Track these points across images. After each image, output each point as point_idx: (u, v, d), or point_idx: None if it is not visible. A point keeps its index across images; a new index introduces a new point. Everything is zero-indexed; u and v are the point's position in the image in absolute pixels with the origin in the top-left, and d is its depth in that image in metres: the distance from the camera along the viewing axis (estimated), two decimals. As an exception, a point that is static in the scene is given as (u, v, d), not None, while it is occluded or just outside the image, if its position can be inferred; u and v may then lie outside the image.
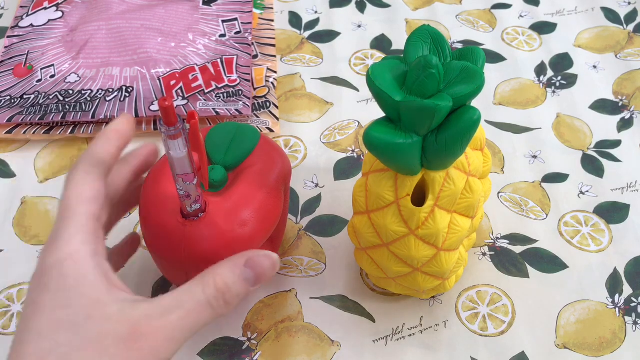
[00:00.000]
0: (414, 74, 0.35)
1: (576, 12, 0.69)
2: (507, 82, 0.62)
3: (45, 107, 0.57)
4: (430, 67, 0.34)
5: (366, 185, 0.40)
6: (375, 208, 0.39)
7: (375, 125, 0.35)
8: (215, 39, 0.63)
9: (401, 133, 0.35)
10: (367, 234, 0.40)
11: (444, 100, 0.33)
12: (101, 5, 0.66)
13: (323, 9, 0.69)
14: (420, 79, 0.34)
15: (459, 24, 0.67)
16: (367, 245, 0.41)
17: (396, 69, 0.36)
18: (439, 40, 0.38)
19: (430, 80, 0.34)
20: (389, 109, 0.35)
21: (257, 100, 0.59)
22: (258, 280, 0.34)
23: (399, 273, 0.41)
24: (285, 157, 0.45)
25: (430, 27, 0.38)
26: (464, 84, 0.34)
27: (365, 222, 0.40)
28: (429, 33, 0.38)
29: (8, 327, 0.45)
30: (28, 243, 0.50)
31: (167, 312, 0.31)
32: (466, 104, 0.35)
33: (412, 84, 0.35)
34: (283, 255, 0.49)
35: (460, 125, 0.34)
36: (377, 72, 0.35)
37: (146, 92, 0.58)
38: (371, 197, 0.39)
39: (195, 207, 0.38)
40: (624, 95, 0.60)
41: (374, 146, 0.35)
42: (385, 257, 0.40)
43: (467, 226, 0.39)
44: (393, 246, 0.39)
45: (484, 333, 0.45)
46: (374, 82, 0.35)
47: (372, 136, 0.35)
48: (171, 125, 0.32)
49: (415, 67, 0.34)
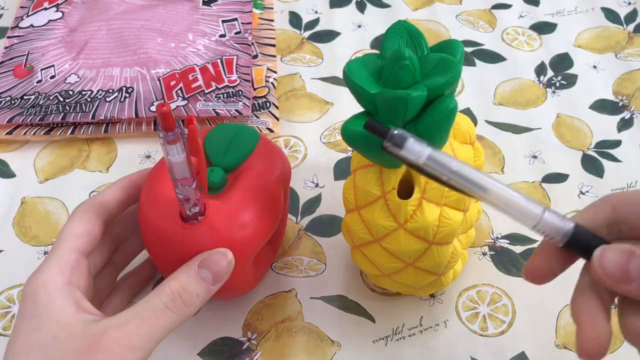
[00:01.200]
0: (388, 67, 0.35)
1: (576, 12, 0.69)
2: (507, 82, 0.62)
3: (45, 107, 0.57)
4: (403, 58, 0.34)
5: (354, 182, 0.40)
6: (363, 204, 0.39)
7: (352, 119, 0.36)
8: (215, 39, 0.63)
9: None
10: (358, 230, 0.40)
11: (417, 91, 0.34)
12: (101, 5, 0.66)
13: (323, 9, 0.69)
14: (395, 71, 0.34)
15: (459, 24, 0.67)
16: (360, 243, 0.41)
17: (372, 64, 0.37)
18: (415, 35, 0.38)
19: (404, 72, 0.34)
20: (365, 103, 0.36)
21: (257, 101, 0.59)
22: (217, 278, 0.37)
23: (393, 269, 0.41)
24: (284, 159, 0.45)
25: (406, 23, 0.38)
26: (440, 75, 0.35)
27: (355, 219, 0.40)
28: (405, 28, 0.38)
29: (8, 328, 0.45)
30: (28, 243, 0.50)
31: (125, 323, 0.34)
32: (443, 94, 0.35)
33: (387, 77, 0.35)
34: (283, 255, 0.49)
35: (437, 115, 0.34)
36: (353, 67, 0.36)
37: (146, 92, 0.58)
38: (359, 193, 0.39)
39: (195, 211, 0.38)
40: (624, 95, 0.60)
41: (351, 139, 0.36)
42: (377, 254, 0.40)
43: (459, 219, 0.39)
44: (384, 241, 0.39)
45: (484, 333, 0.45)
46: (349, 77, 0.35)
47: (349, 129, 0.35)
48: (169, 130, 0.32)
49: (390, 60, 0.35)
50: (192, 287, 0.36)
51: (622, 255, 0.29)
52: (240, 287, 0.43)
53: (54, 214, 0.52)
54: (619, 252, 0.29)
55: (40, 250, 0.49)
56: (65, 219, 0.51)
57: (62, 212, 0.52)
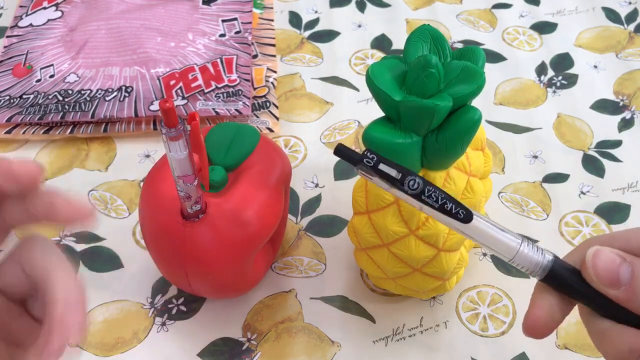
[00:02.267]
0: (413, 73, 0.34)
1: (577, 12, 0.69)
2: (508, 82, 0.62)
3: (44, 107, 0.57)
4: (430, 66, 0.34)
5: (365, 185, 0.40)
6: (375, 208, 0.39)
7: (374, 125, 0.35)
8: (215, 38, 0.63)
9: (401, 133, 0.35)
10: (366, 234, 0.40)
11: (444, 100, 0.33)
12: (101, 5, 0.65)
13: (323, 9, 0.69)
14: (420, 78, 0.34)
15: (459, 24, 0.67)
16: (367, 246, 0.41)
17: (396, 68, 0.36)
18: (439, 40, 0.37)
19: (430, 80, 0.34)
20: (388, 109, 0.35)
21: (257, 100, 0.59)
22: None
23: (399, 273, 0.41)
24: (285, 158, 0.45)
25: (430, 27, 0.38)
26: (464, 83, 0.34)
27: (365, 222, 0.40)
28: (429, 32, 0.37)
29: (7, 327, 0.45)
30: (27, 243, 0.50)
31: None
32: (467, 104, 0.35)
33: (412, 84, 0.34)
34: (283, 256, 0.49)
35: (461, 126, 0.34)
36: (376, 71, 0.35)
37: (146, 91, 0.58)
38: (370, 197, 0.39)
39: (196, 208, 0.38)
40: (624, 95, 0.60)
41: (373, 146, 0.35)
42: (385, 258, 0.40)
43: None
44: (393, 246, 0.39)
45: (485, 333, 0.45)
46: (373, 81, 0.35)
47: (372, 136, 0.35)
48: (172, 126, 0.32)
49: (415, 66, 0.34)
50: None
51: (615, 259, 0.29)
52: (240, 287, 0.43)
53: (53, 213, 0.52)
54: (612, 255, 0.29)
55: (39, 250, 0.49)
56: (64, 218, 0.51)
57: (61, 211, 0.52)
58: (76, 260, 0.49)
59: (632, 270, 0.28)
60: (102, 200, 0.53)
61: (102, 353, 0.44)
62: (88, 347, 0.44)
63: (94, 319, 0.45)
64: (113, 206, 0.52)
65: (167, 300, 0.47)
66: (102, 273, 0.48)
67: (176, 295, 0.47)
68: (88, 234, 0.50)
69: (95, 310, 0.46)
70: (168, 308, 0.46)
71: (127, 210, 0.52)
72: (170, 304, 0.46)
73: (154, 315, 0.46)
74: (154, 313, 0.46)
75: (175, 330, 0.45)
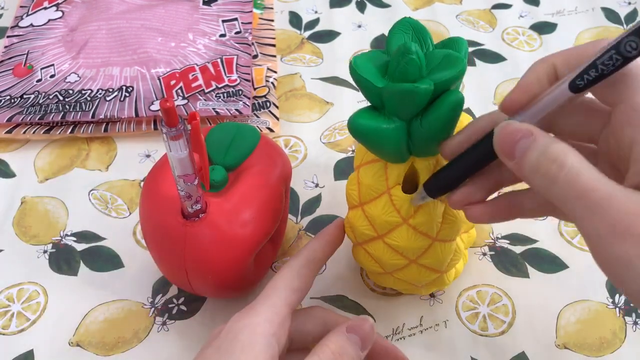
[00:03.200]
0: (394, 61, 0.35)
1: (576, 12, 0.69)
2: (508, 82, 0.62)
3: (45, 106, 0.57)
4: (410, 52, 0.34)
5: (357, 177, 0.40)
6: (367, 200, 0.39)
7: (359, 113, 0.36)
8: (215, 38, 0.63)
9: (385, 119, 0.35)
10: (361, 226, 0.40)
11: (424, 83, 0.34)
12: (101, 5, 0.66)
13: (323, 9, 0.69)
14: (401, 65, 0.34)
15: (459, 24, 0.67)
16: (363, 239, 0.41)
17: (378, 59, 0.37)
18: (420, 31, 0.38)
19: (410, 66, 0.34)
20: (372, 97, 0.36)
21: (257, 100, 0.59)
22: (364, 344, 0.36)
23: (396, 266, 0.41)
24: (285, 158, 0.45)
25: (412, 19, 0.38)
26: (446, 70, 0.35)
27: (359, 215, 0.40)
28: (410, 24, 0.38)
29: (8, 327, 0.45)
30: (28, 243, 0.50)
31: None
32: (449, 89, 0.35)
33: (394, 71, 0.35)
34: (283, 256, 0.49)
35: (443, 108, 0.34)
36: (359, 62, 0.36)
37: (146, 91, 0.58)
38: (363, 188, 0.39)
39: (196, 208, 0.38)
40: (624, 95, 0.60)
41: (358, 132, 0.36)
42: (381, 250, 0.40)
43: (463, 215, 0.39)
44: (387, 237, 0.39)
45: (484, 333, 0.45)
46: (356, 70, 0.35)
47: (357, 122, 0.35)
48: (173, 126, 0.32)
49: (396, 54, 0.35)
50: (349, 349, 0.35)
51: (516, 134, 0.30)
52: (241, 287, 0.43)
53: (54, 213, 0.52)
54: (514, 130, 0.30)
55: (39, 250, 0.49)
56: (64, 218, 0.51)
57: (61, 211, 0.52)
58: (76, 259, 0.49)
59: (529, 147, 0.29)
60: (102, 200, 0.53)
61: (103, 352, 0.44)
62: (88, 346, 0.44)
63: (94, 318, 0.46)
64: (113, 206, 0.52)
65: (168, 299, 0.47)
66: (102, 273, 0.48)
67: (177, 295, 0.47)
68: (89, 234, 0.50)
69: (95, 310, 0.46)
70: (168, 308, 0.46)
71: (128, 210, 0.52)
72: (171, 304, 0.46)
73: (155, 314, 0.46)
74: (155, 313, 0.46)
75: (175, 330, 0.45)
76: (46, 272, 0.48)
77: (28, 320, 0.46)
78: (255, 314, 0.34)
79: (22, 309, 0.46)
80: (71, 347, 0.44)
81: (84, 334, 0.45)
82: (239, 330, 0.34)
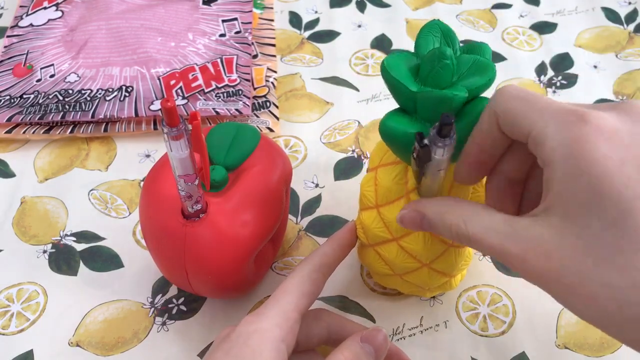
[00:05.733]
0: (427, 65, 0.34)
1: (576, 12, 0.69)
2: (508, 81, 0.62)
3: (44, 106, 0.57)
4: (445, 57, 0.34)
5: (375, 179, 0.40)
6: (384, 202, 0.39)
7: (391, 116, 0.35)
8: (215, 38, 0.63)
9: (416, 124, 0.35)
10: (375, 228, 0.40)
11: (461, 91, 0.33)
12: (101, 5, 0.65)
13: (323, 9, 0.69)
14: (435, 69, 0.34)
15: (459, 24, 0.67)
16: (376, 241, 0.41)
17: (408, 61, 0.36)
18: (449, 35, 0.38)
19: (445, 71, 0.34)
20: (404, 100, 0.35)
21: (257, 100, 0.59)
22: (378, 355, 0.36)
23: (407, 269, 0.40)
24: (286, 158, 0.45)
25: (441, 22, 0.38)
26: (477, 76, 0.34)
27: (374, 217, 0.40)
28: (440, 27, 0.38)
29: (7, 327, 0.45)
30: (27, 243, 0.50)
31: None
32: (479, 96, 0.35)
33: (427, 75, 0.34)
34: (283, 256, 0.49)
35: (475, 116, 0.34)
36: (392, 63, 0.35)
37: (146, 91, 0.58)
38: (380, 190, 0.39)
39: (197, 208, 0.38)
40: (624, 95, 0.60)
41: (390, 136, 0.35)
42: (394, 253, 0.40)
43: None
44: (403, 240, 0.39)
45: (485, 333, 0.45)
46: (389, 72, 0.35)
47: (389, 126, 0.35)
48: (173, 126, 0.32)
49: (430, 58, 0.34)
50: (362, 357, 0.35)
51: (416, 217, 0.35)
52: (241, 287, 0.43)
53: (53, 212, 0.52)
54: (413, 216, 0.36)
55: (39, 250, 0.49)
56: (64, 218, 0.51)
57: (61, 211, 0.52)
58: (76, 259, 0.49)
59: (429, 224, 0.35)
60: (102, 200, 0.53)
61: (102, 352, 0.44)
62: (88, 346, 0.44)
63: (94, 318, 0.46)
64: (113, 206, 0.52)
65: (168, 300, 0.47)
66: (102, 272, 0.48)
67: (176, 295, 0.47)
68: (88, 234, 0.50)
69: (95, 310, 0.46)
70: (168, 308, 0.46)
71: (128, 210, 0.52)
72: (171, 304, 0.46)
73: (154, 315, 0.46)
74: (154, 313, 0.46)
75: (175, 330, 0.45)
76: (46, 272, 0.48)
77: (28, 320, 0.46)
78: (265, 318, 0.35)
79: (21, 309, 0.46)
80: (71, 347, 0.44)
81: (83, 334, 0.45)
82: (248, 335, 0.34)
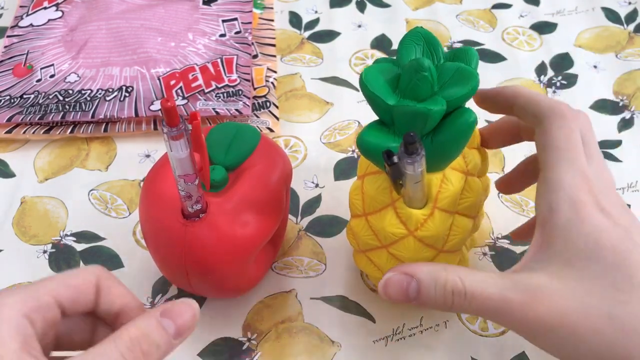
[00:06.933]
0: (406, 77, 0.34)
1: (576, 12, 0.69)
2: (508, 82, 0.62)
3: (44, 106, 0.57)
4: (423, 69, 0.34)
5: (362, 188, 0.39)
6: (371, 211, 0.39)
7: (368, 130, 0.35)
8: (215, 38, 0.63)
9: (394, 137, 0.35)
10: (365, 236, 0.40)
11: (437, 104, 0.33)
12: (101, 5, 0.65)
13: (323, 9, 0.69)
14: (413, 82, 0.34)
15: (459, 24, 0.67)
16: (366, 248, 0.41)
17: (389, 71, 0.36)
18: (431, 42, 0.37)
19: (423, 83, 0.34)
20: (382, 113, 0.35)
21: (257, 100, 0.59)
22: (179, 332, 0.31)
23: None
24: (286, 158, 0.45)
25: (423, 29, 0.38)
26: (458, 85, 0.34)
27: (362, 224, 0.40)
28: (422, 35, 0.38)
29: (8, 327, 0.45)
30: (27, 243, 0.50)
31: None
32: (461, 106, 0.35)
33: (405, 87, 0.34)
34: (283, 256, 0.49)
35: (456, 128, 0.34)
36: (369, 75, 0.35)
37: (146, 91, 0.58)
38: (367, 199, 0.39)
39: (197, 208, 0.38)
40: (624, 95, 0.60)
41: (367, 151, 0.35)
42: (384, 259, 0.40)
43: (469, 227, 0.39)
44: (392, 248, 0.39)
45: (484, 333, 0.45)
46: (367, 85, 0.35)
47: (365, 141, 0.35)
48: (173, 125, 0.32)
49: (408, 70, 0.34)
50: (154, 334, 0.30)
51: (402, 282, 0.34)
52: (241, 287, 0.43)
53: (53, 212, 0.52)
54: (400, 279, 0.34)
55: (39, 250, 0.49)
56: (64, 218, 0.51)
57: (61, 211, 0.52)
58: (76, 259, 0.49)
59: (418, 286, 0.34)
60: (102, 200, 0.53)
61: (103, 353, 0.44)
62: (88, 346, 0.44)
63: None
64: (113, 206, 0.52)
65: (168, 299, 0.47)
66: (102, 273, 0.48)
67: (176, 295, 0.47)
68: (88, 234, 0.50)
69: (95, 310, 0.46)
70: (168, 308, 0.46)
71: (128, 210, 0.52)
72: (171, 304, 0.46)
73: (154, 315, 0.46)
74: (154, 313, 0.46)
75: (175, 330, 0.45)
76: (46, 272, 0.48)
77: (28, 320, 0.46)
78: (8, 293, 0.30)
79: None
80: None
81: (83, 334, 0.45)
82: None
